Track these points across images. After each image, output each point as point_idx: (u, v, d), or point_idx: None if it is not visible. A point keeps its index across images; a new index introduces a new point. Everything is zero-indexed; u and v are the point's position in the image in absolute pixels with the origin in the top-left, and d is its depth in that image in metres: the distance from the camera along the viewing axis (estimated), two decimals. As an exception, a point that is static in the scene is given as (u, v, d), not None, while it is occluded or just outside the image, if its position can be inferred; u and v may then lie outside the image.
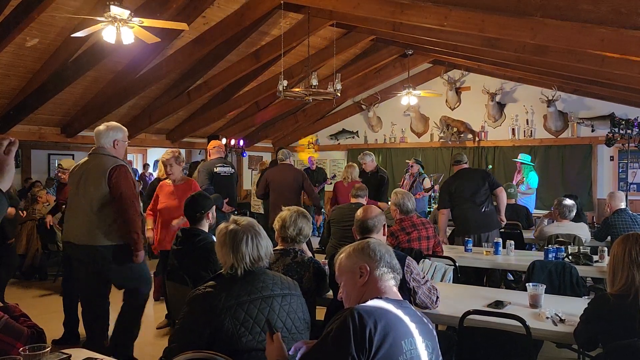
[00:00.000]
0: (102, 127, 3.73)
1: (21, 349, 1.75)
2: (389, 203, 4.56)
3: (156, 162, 13.24)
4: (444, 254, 4.34)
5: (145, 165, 13.54)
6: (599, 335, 2.32)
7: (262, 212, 7.80)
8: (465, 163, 5.67)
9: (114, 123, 3.78)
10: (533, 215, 7.04)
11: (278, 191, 6.25)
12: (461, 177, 5.44)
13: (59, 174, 5.78)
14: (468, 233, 5.12)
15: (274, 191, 6.30)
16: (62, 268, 5.56)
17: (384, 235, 3.04)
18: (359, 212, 3.11)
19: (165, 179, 5.02)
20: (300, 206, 5.95)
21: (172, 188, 4.81)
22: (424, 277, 2.87)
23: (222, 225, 2.26)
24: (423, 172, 8.55)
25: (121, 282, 3.75)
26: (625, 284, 2.26)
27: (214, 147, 6.11)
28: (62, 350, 2.03)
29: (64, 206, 5.03)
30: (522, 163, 8.02)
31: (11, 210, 5.31)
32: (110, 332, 3.81)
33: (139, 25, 4.80)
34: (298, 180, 6.26)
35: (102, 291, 3.77)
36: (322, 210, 7.27)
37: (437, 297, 2.83)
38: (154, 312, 5.53)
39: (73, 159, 8.05)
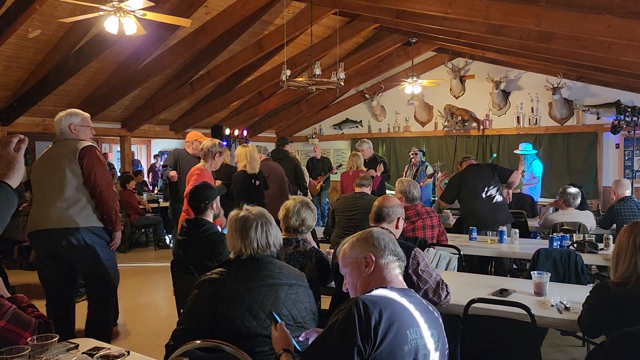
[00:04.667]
0: (58, 115, 3.69)
1: (29, 338, 1.77)
2: (394, 191, 4.55)
3: (161, 152, 13.20)
4: (449, 243, 4.34)
5: (156, 156, 13.47)
6: (602, 323, 2.32)
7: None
8: (474, 160, 5.65)
9: (70, 109, 3.73)
10: (538, 204, 7.03)
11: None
12: (472, 173, 5.33)
13: None
14: (482, 229, 5.04)
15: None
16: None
17: (397, 228, 2.97)
18: (378, 199, 3.10)
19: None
20: (291, 193, 6.02)
21: None
22: (433, 270, 2.74)
23: (233, 212, 2.31)
24: (425, 160, 8.58)
25: (91, 267, 3.60)
26: (626, 271, 2.26)
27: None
28: (70, 340, 2.05)
29: None
30: (523, 155, 7.97)
31: None
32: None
33: (137, 17, 4.75)
34: (280, 174, 6.21)
35: (74, 278, 3.71)
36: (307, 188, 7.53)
37: (448, 293, 2.68)
38: (160, 303, 5.57)
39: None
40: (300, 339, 1.89)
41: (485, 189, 5.15)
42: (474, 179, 5.24)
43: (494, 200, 5.15)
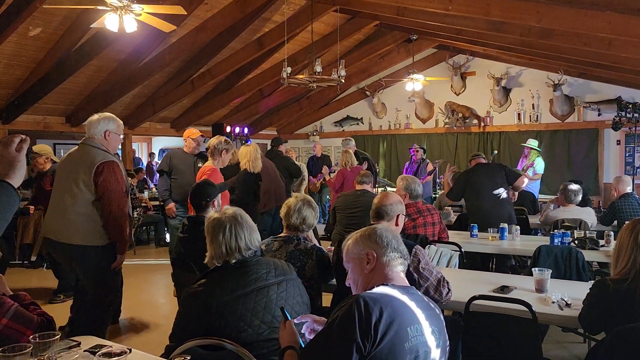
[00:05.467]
0: (94, 116, 3.55)
1: (31, 336, 1.77)
2: (396, 188, 4.53)
3: (161, 150, 13.22)
4: (450, 240, 4.34)
5: (151, 154, 13.57)
6: (602, 320, 2.32)
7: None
8: (484, 158, 5.65)
9: (108, 113, 3.61)
10: (538, 200, 7.02)
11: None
12: (480, 171, 5.32)
13: (33, 161, 5.37)
14: (486, 227, 5.03)
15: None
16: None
17: (396, 225, 2.95)
18: (377, 197, 3.09)
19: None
20: (284, 187, 6.04)
21: None
22: (434, 268, 2.73)
23: (210, 214, 2.30)
24: (425, 157, 8.59)
25: (87, 279, 3.51)
26: (625, 267, 2.25)
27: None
28: (72, 338, 2.05)
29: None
30: (530, 148, 7.97)
31: None
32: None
33: (147, 13, 4.73)
34: (273, 172, 6.16)
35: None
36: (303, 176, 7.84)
37: (449, 290, 2.66)
38: (161, 301, 5.58)
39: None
40: (296, 321, 1.88)
41: (492, 188, 5.15)
42: (481, 178, 5.23)
43: (500, 198, 5.14)
